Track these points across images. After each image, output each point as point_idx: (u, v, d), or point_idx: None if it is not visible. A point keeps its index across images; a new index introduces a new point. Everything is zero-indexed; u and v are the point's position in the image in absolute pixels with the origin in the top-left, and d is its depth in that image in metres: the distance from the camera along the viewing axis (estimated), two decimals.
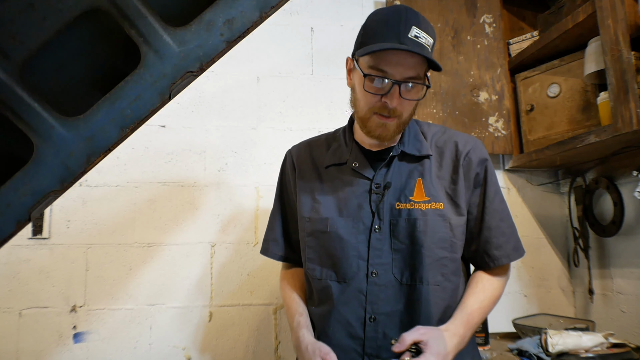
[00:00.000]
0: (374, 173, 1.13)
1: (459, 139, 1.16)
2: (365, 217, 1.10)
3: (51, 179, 0.57)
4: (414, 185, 1.10)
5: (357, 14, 2.08)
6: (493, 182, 1.15)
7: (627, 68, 1.35)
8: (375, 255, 1.08)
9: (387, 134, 1.07)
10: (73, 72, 0.65)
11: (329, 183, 1.17)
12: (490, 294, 1.11)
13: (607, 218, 1.77)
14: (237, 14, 0.58)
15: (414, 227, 1.07)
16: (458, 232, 1.09)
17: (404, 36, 0.98)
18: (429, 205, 1.08)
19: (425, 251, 1.06)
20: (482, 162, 1.13)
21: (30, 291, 1.69)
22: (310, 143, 1.29)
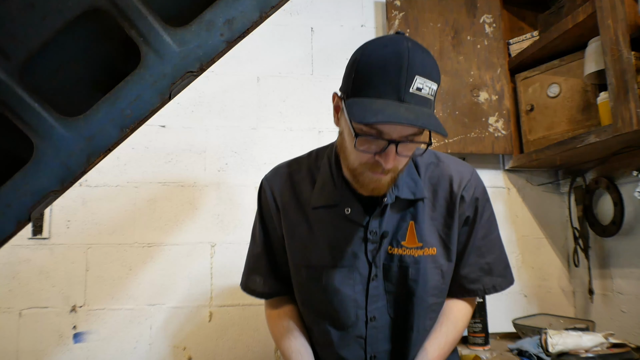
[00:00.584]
0: (368, 219, 1.03)
1: (454, 174, 1.08)
2: (361, 267, 1.04)
3: (51, 179, 0.57)
4: (406, 228, 1.04)
5: (357, 14, 2.08)
6: (482, 219, 1.10)
7: (627, 68, 1.35)
8: (372, 301, 1.06)
9: (381, 189, 0.97)
10: (73, 72, 0.65)
11: (319, 227, 1.07)
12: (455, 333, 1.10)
13: (607, 218, 1.77)
14: (237, 14, 0.58)
15: (406, 275, 1.04)
16: (447, 278, 1.09)
17: (405, 91, 0.83)
18: (421, 252, 1.04)
19: (416, 299, 1.04)
20: (474, 201, 1.08)
21: (30, 291, 1.69)
22: (290, 174, 1.14)
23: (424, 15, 1.99)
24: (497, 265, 1.12)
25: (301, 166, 1.14)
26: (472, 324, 1.65)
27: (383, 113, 0.81)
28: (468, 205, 1.07)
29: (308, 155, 1.18)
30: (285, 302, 1.18)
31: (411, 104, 0.84)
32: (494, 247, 1.12)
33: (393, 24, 1.97)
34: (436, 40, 1.98)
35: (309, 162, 1.14)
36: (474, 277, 1.10)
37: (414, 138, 0.89)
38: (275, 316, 1.18)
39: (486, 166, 2.03)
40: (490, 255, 1.11)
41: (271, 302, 1.21)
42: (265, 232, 1.17)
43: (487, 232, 1.11)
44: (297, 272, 1.11)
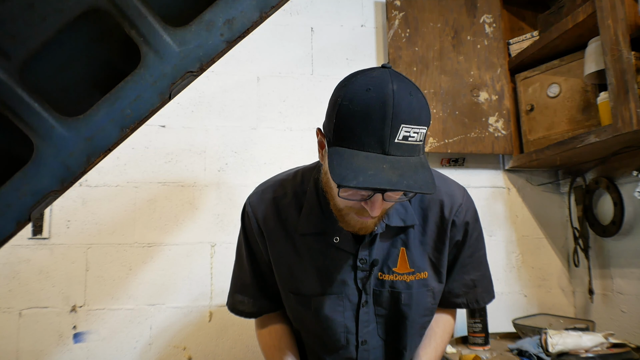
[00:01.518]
0: (358, 247, 1.01)
1: (445, 198, 1.05)
2: (350, 294, 1.03)
3: (51, 179, 0.57)
4: (397, 255, 1.03)
5: (357, 14, 2.08)
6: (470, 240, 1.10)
7: (627, 68, 1.35)
8: (363, 326, 1.06)
9: (367, 229, 0.96)
10: (73, 72, 0.65)
11: (306, 254, 1.04)
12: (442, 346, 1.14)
13: (607, 218, 1.77)
14: (237, 14, 0.58)
15: (398, 300, 1.04)
16: (438, 297, 1.11)
17: (390, 143, 0.78)
18: (413, 277, 1.04)
19: (409, 322, 1.07)
20: (463, 225, 1.07)
21: (30, 291, 1.69)
22: (275, 199, 1.08)
23: (424, 15, 1.99)
24: (481, 282, 1.15)
25: (286, 190, 1.09)
26: (472, 324, 1.65)
27: (365, 174, 0.76)
28: (458, 229, 1.08)
29: (293, 176, 1.11)
30: (275, 319, 1.16)
31: (397, 155, 0.79)
32: (479, 265, 1.15)
33: (393, 24, 1.97)
34: (436, 40, 1.98)
35: (294, 186, 1.09)
36: (458, 292, 1.13)
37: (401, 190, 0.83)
38: (266, 334, 1.16)
39: (486, 166, 2.03)
40: (475, 272, 1.14)
41: (261, 319, 1.18)
42: (252, 254, 1.13)
43: (473, 251, 1.13)
44: (286, 297, 1.10)
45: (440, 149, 1.90)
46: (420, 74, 1.95)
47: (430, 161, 2.01)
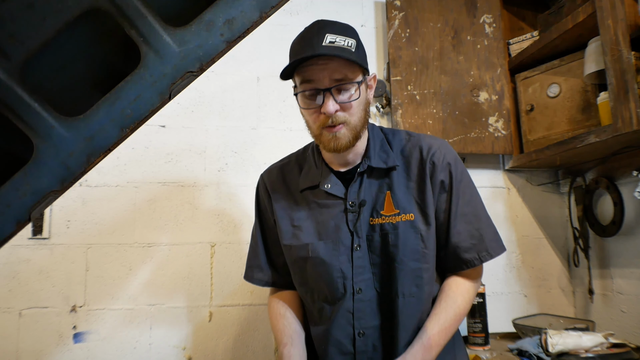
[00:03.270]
0: (346, 191, 1.13)
1: (423, 144, 1.15)
2: (344, 238, 1.11)
3: (51, 179, 0.57)
4: (384, 199, 1.11)
5: (357, 14, 2.08)
6: (460, 185, 1.13)
7: (627, 68, 1.35)
8: (358, 272, 1.09)
9: (340, 144, 1.06)
10: (73, 72, 0.65)
11: (306, 207, 1.17)
12: (455, 308, 1.09)
13: (607, 218, 1.77)
14: (237, 14, 0.58)
15: (387, 241, 1.08)
16: (429, 243, 1.10)
17: (319, 45, 0.99)
18: (399, 218, 1.09)
19: (397, 265, 1.08)
20: (445, 166, 1.12)
21: (30, 291, 1.69)
22: (281, 166, 1.27)
23: (424, 15, 1.99)
24: (487, 231, 1.13)
25: (290, 159, 1.29)
26: (472, 324, 1.65)
27: (299, 56, 0.99)
28: (440, 170, 1.12)
29: (297, 150, 1.32)
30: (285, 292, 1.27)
31: (325, 52, 0.98)
32: (479, 213, 1.14)
33: (393, 24, 1.97)
34: (436, 40, 1.98)
35: (297, 155, 1.29)
36: (467, 245, 1.11)
37: (344, 84, 1.02)
38: (273, 301, 1.26)
39: (486, 166, 2.03)
40: (478, 222, 1.13)
41: (273, 290, 1.31)
42: (262, 226, 1.28)
43: (469, 199, 1.13)
44: (288, 253, 1.19)
45: None
46: (420, 74, 1.95)
47: None
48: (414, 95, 1.93)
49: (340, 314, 1.10)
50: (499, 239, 1.16)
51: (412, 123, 1.90)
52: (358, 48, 1.04)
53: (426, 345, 1.03)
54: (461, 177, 1.14)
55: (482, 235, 1.12)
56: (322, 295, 1.13)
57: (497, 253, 1.13)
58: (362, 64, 1.03)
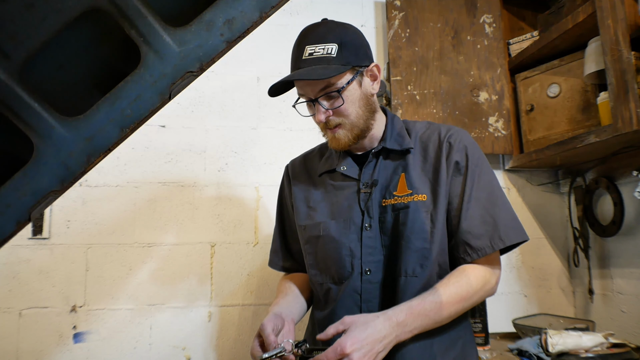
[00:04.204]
0: (360, 173, 1.16)
1: (443, 128, 1.16)
2: (355, 217, 1.12)
3: (51, 179, 0.57)
4: (397, 180, 1.11)
5: (357, 14, 2.08)
6: (476, 168, 1.10)
7: (627, 68, 1.35)
8: (367, 252, 1.09)
9: (340, 143, 1.11)
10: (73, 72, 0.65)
11: (323, 189, 1.20)
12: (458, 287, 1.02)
13: (607, 218, 1.77)
14: (237, 14, 0.58)
15: (397, 220, 1.08)
16: (439, 223, 1.07)
17: (300, 60, 1.06)
18: (411, 198, 1.08)
19: (404, 242, 1.06)
20: (462, 148, 1.11)
21: (30, 291, 1.69)
22: (305, 156, 1.34)
23: (424, 15, 1.99)
24: (502, 217, 1.06)
25: (315, 149, 1.34)
26: (472, 324, 1.65)
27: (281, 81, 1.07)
28: (457, 150, 1.10)
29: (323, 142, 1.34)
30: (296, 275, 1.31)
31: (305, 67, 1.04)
32: (495, 199, 1.08)
33: (393, 24, 1.97)
34: (436, 40, 1.98)
35: (322, 145, 1.33)
36: (479, 231, 1.05)
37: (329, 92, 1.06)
38: (282, 280, 1.32)
39: None
40: (493, 207, 1.07)
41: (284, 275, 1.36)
42: (282, 214, 1.34)
43: (485, 184, 1.09)
44: (302, 234, 1.21)
45: None
46: (420, 74, 1.95)
47: None
48: (414, 95, 1.93)
49: (347, 294, 1.09)
50: (518, 226, 1.08)
51: None
52: (342, 49, 1.05)
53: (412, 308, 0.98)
54: (478, 161, 1.11)
55: (495, 221, 1.06)
56: (330, 275, 1.13)
57: (512, 240, 1.06)
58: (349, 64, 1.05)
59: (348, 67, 1.05)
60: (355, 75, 1.09)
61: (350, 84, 1.07)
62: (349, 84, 1.07)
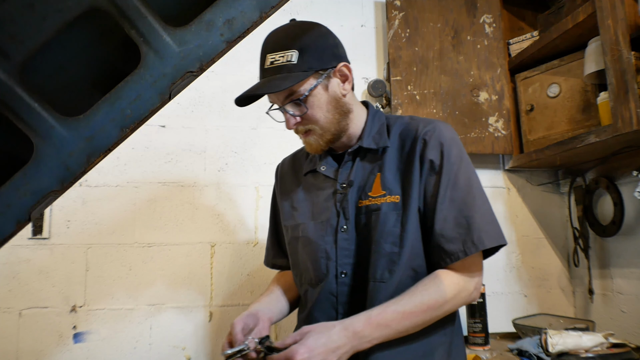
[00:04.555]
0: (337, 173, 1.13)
1: (421, 124, 1.09)
2: (332, 218, 1.09)
3: (51, 179, 0.57)
4: (373, 180, 1.07)
5: (357, 14, 2.08)
6: (452, 167, 1.03)
7: (627, 68, 1.35)
8: (343, 255, 1.06)
9: (312, 148, 1.11)
10: (73, 72, 0.65)
11: (306, 189, 1.19)
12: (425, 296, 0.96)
13: (607, 218, 1.77)
14: (237, 14, 0.58)
15: (369, 223, 1.04)
16: (410, 227, 1.01)
17: (263, 69, 1.06)
18: (384, 199, 1.04)
19: (373, 245, 1.02)
20: (437, 145, 1.04)
21: (30, 291, 1.69)
22: (295, 154, 1.34)
23: (424, 15, 1.99)
24: (477, 220, 0.99)
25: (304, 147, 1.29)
26: (472, 324, 1.65)
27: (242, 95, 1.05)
28: (431, 148, 1.04)
29: None
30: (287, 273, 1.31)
31: (266, 77, 1.04)
32: (472, 200, 1.01)
33: (393, 24, 1.97)
34: (436, 40, 1.98)
35: None
36: (452, 234, 0.99)
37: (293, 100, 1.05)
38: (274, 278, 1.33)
39: (486, 166, 2.03)
40: (469, 209, 1.00)
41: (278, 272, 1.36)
42: (273, 212, 1.34)
43: (463, 184, 1.02)
44: (286, 234, 1.21)
45: None
46: (420, 74, 1.95)
47: None
48: (414, 95, 1.93)
49: (323, 296, 1.06)
50: (494, 230, 1.01)
51: None
52: (303, 54, 1.01)
53: (371, 318, 0.94)
54: (454, 159, 1.03)
55: (469, 224, 0.99)
56: (308, 277, 1.12)
57: (485, 245, 0.98)
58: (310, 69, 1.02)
59: (310, 73, 1.02)
60: (321, 79, 1.05)
61: (314, 90, 1.04)
62: (313, 90, 1.04)
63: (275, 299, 1.20)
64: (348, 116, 1.11)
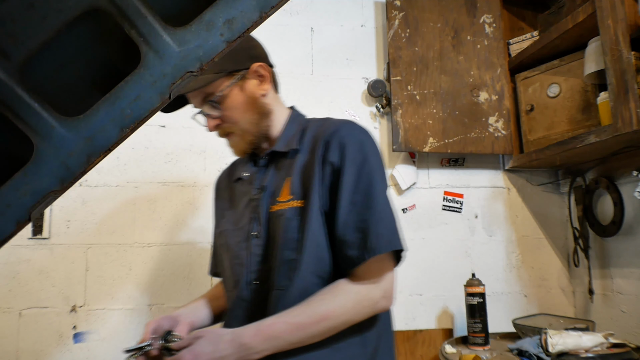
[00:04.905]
0: (253, 178, 1.13)
1: (331, 125, 1.05)
2: (247, 224, 1.07)
3: (51, 179, 0.57)
4: (283, 185, 1.05)
5: (357, 14, 2.08)
6: (354, 169, 0.98)
7: (627, 68, 1.35)
8: (255, 261, 1.03)
9: (235, 150, 1.13)
10: (73, 72, 0.65)
11: (233, 196, 1.19)
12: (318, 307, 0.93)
13: (607, 218, 1.77)
14: (237, 14, 0.58)
15: (275, 229, 1.01)
16: (311, 232, 0.97)
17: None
18: (289, 204, 1.01)
19: (277, 253, 0.99)
20: (339, 147, 0.99)
21: (30, 291, 1.69)
22: (234, 161, 1.32)
23: (424, 15, 1.99)
24: (374, 224, 0.94)
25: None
26: (472, 324, 1.65)
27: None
28: (333, 150, 0.99)
29: None
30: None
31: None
32: (372, 203, 0.96)
33: (393, 24, 1.97)
34: (436, 40, 1.98)
35: None
36: (352, 239, 0.95)
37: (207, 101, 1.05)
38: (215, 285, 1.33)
39: (486, 166, 2.03)
40: (368, 212, 0.95)
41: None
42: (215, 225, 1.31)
43: (364, 187, 0.97)
44: (215, 242, 1.23)
45: (440, 149, 1.90)
46: (420, 74, 1.95)
47: (431, 161, 2.01)
48: (414, 95, 1.93)
49: (237, 303, 1.04)
50: (390, 234, 0.96)
51: (412, 123, 1.90)
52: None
53: (259, 331, 0.91)
54: (356, 160, 0.98)
55: (367, 228, 0.94)
56: (228, 283, 1.11)
57: (381, 250, 0.93)
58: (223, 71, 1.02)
59: (221, 75, 1.02)
60: (235, 80, 1.04)
61: (229, 91, 1.04)
62: (227, 91, 1.04)
63: (200, 306, 1.21)
64: (269, 117, 1.10)
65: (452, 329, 1.90)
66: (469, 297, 1.68)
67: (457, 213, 1.98)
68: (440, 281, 1.92)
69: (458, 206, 1.99)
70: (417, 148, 1.89)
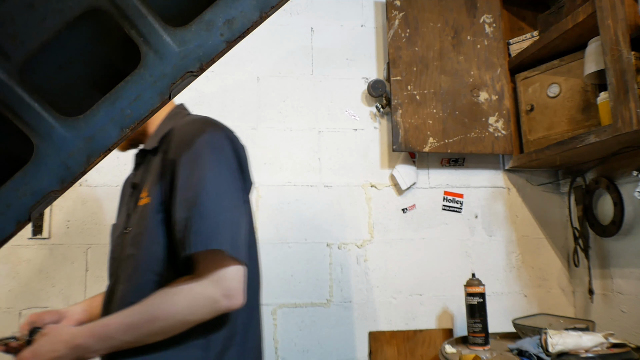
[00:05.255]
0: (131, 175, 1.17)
1: (183, 121, 1.04)
2: (123, 221, 1.09)
3: (51, 179, 0.57)
4: (145, 182, 1.05)
5: (357, 14, 2.08)
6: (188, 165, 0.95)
7: (627, 68, 1.35)
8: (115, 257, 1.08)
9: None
10: (73, 72, 0.65)
11: (124, 194, 1.21)
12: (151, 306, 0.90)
13: (607, 218, 1.77)
14: (237, 14, 0.58)
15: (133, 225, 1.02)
16: (149, 230, 0.96)
17: None
18: (144, 201, 1.00)
19: (125, 250, 1.01)
20: (177, 144, 0.97)
21: (30, 291, 1.69)
22: None
23: (424, 15, 1.99)
24: (196, 221, 0.90)
25: None
26: (472, 324, 1.65)
27: None
28: (173, 148, 0.98)
29: None
30: None
31: None
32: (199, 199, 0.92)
33: (393, 24, 1.97)
34: (436, 40, 1.98)
35: None
36: (179, 237, 0.92)
37: None
38: None
39: (486, 166, 2.03)
40: (192, 209, 0.91)
41: None
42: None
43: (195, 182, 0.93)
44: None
45: (440, 149, 1.90)
46: (420, 74, 1.95)
47: (431, 161, 2.01)
48: (414, 95, 1.93)
49: (105, 298, 1.06)
50: (210, 232, 0.90)
51: (412, 123, 1.90)
52: None
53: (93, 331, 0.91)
54: (192, 156, 0.95)
55: (189, 225, 0.90)
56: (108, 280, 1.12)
57: (196, 248, 0.89)
58: None
59: None
60: None
61: None
62: None
63: (95, 303, 1.21)
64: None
65: (452, 329, 1.90)
66: (469, 297, 1.68)
67: (457, 213, 1.99)
68: (440, 281, 1.92)
69: (458, 206, 1.99)
70: (417, 148, 1.89)
